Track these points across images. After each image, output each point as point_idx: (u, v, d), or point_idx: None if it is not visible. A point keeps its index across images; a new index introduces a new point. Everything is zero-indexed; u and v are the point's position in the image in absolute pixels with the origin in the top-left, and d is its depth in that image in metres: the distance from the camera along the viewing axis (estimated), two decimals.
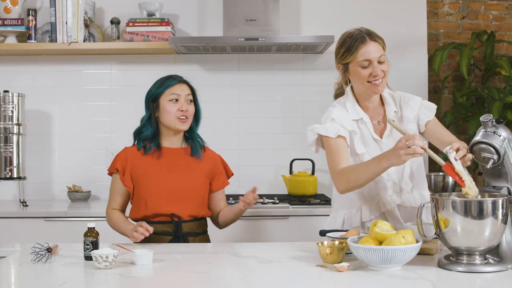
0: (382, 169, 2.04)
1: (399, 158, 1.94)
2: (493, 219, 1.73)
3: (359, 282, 1.71)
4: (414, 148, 1.90)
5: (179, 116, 2.39)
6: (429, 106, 2.33)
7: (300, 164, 3.67)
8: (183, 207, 2.37)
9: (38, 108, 3.76)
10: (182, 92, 2.42)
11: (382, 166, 2.02)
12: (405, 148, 1.92)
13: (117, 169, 2.42)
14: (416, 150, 1.90)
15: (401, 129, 2.05)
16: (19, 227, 3.17)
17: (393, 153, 1.97)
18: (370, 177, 2.07)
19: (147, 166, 2.41)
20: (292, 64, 3.81)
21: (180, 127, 2.40)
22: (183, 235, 2.36)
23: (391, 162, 1.99)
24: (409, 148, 1.91)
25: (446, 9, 4.04)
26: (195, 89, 2.49)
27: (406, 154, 1.92)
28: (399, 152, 1.93)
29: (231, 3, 3.50)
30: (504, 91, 3.68)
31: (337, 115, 2.25)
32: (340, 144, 2.20)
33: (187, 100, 2.42)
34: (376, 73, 2.17)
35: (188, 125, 2.42)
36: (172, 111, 2.38)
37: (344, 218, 2.31)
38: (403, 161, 1.95)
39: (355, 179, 2.10)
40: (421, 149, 1.91)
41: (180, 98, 2.40)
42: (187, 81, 2.49)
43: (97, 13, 3.80)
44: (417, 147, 1.90)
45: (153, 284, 1.75)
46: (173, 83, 2.42)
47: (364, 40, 2.17)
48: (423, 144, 1.92)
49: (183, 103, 2.40)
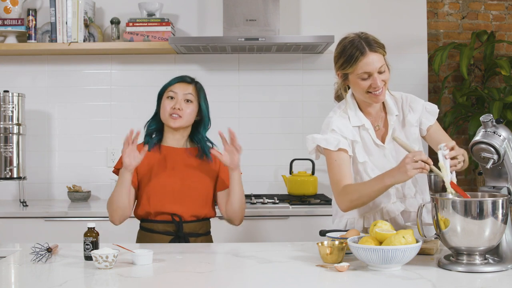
0: (386, 187, 2.04)
1: (405, 173, 1.94)
2: (493, 219, 1.73)
3: (359, 282, 1.71)
4: (421, 163, 1.92)
5: (172, 113, 2.39)
6: (431, 109, 2.30)
7: (300, 164, 3.67)
8: (185, 207, 2.37)
9: (38, 108, 3.76)
10: (181, 90, 2.42)
11: (385, 184, 2.02)
12: (412, 163, 1.93)
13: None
14: (422, 165, 1.92)
15: (407, 146, 2.05)
16: (19, 227, 3.17)
17: (399, 169, 1.97)
18: (373, 195, 2.08)
19: (152, 164, 2.41)
20: (292, 64, 3.81)
21: (171, 124, 2.40)
22: (184, 235, 2.36)
23: (396, 179, 1.99)
24: (417, 163, 1.92)
25: (446, 9, 4.04)
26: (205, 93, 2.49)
27: (414, 169, 1.93)
28: (406, 167, 1.94)
29: (231, 3, 3.50)
30: (504, 91, 3.68)
31: (338, 124, 2.21)
32: (341, 158, 2.18)
33: (184, 99, 2.42)
34: (376, 85, 2.13)
35: (180, 123, 2.40)
36: (166, 108, 2.41)
37: (347, 223, 2.30)
38: (409, 177, 1.95)
39: (357, 198, 2.10)
40: (427, 165, 1.93)
41: (176, 96, 2.41)
42: (196, 82, 2.49)
43: (97, 13, 3.80)
44: (423, 163, 1.92)
45: (153, 284, 1.75)
46: (173, 82, 2.46)
47: (363, 52, 2.11)
48: (429, 160, 1.94)
49: (178, 101, 2.40)
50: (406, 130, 2.27)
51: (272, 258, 1.99)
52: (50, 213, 3.20)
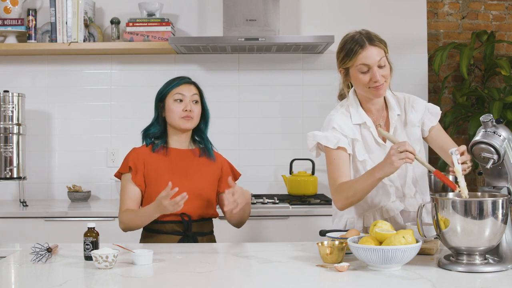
0: (377, 180, 2.05)
1: (391, 165, 1.96)
2: (493, 219, 1.73)
3: (359, 282, 1.71)
4: (406, 154, 1.94)
5: (183, 116, 2.39)
6: (433, 110, 2.31)
7: (300, 164, 3.67)
8: (192, 207, 2.37)
9: (38, 108, 3.76)
10: (188, 92, 2.42)
11: (375, 177, 2.03)
12: (397, 154, 1.94)
13: (130, 168, 2.39)
14: (407, 155, 1.94)
15: (391, 137, 2.07)
16: (19, 227, 3.17)
17: (386, 161, 1.99)
18: (367, 189, 2.09)
19: (158, 166, 2.41)
20: (292, 64, 3.81)
21: (185, 125, 2.41)
22: (193, 234, 2.37)
23: (385, 171, 2.00)
24: (401, 153, 1.94)
25: (446, 9, 4.04)
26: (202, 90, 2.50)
27: (399, 160, 1.94)
28: (392, 158, 1.95)
29: (231, 3, 3.50)
30: (504, 91, 3.68)
31: (339, 122, 2.22)
32: (340, 157, 2.19)
33: (192, 100, 2.43)
34: (376, 79, 2.13)
35: (192, 125, 2.43)
36: (176, 111, 2.40)
37: (347, 223, 2.31)
38: (395, 168, 1.97)
39: (353, 194, 2.11)
40: (412, 155, 1.94)
41: (185, 98, 2.41)
42: (195, 82, 2.50)
43: (97, 13, 3.80)
44: (408, 152, 1.93)
45: (153, 284, 1.75)
46: (178, 84, 2.44)
47: (363, 45, 2.14)
48: (414, 150, 1.96)
49: (187, 103, 2.41)
50: (408, 130, 2.27)
51: (272, 258, 1.99)
52: (50, 213, 3.20)
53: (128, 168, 2.40)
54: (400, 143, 1.96)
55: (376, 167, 2.04)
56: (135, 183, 2.39)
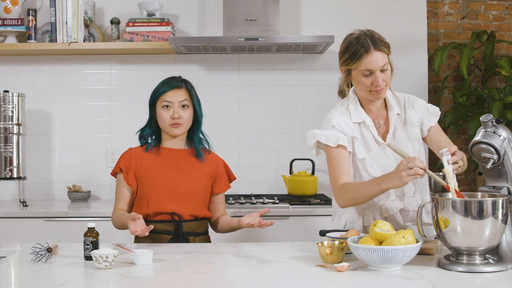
0: (382, 191, 2.06)
1: (401, 179, 1.96)
2: (493, 219, 1.73)
3: (359, 282, 1.71)
4: (415, 169, 1.94)
5: (172, 123, 2.39)
6: (433, 111, 2.31)
7: (300, 164, 3.67)
8: (184, 206, 2.38)
9: (38, 108, 3.76)
10: (175, 98, 2.40)
11: (382, 187, 2.04)
12: (407, 170, 1.95)
13: (121, 169, 2.42)
14: (417, 171, 1.94)
15: (401, 151, 2.06)
16: (19, 227, 3.17)
17: (395, 175, 1.99)
18: (370, 196, 2.10)
19: (150, 165, 2.42)
20: (292, 64, 3.81)
21: (173, 132, 2.41)
22: (184, 234, 2.37)
23: (393, 184, 2.01)
24: (411, 170, 1.94)
25: (446, 9, 4.04)
26: (195, 90, 2.48)
27: (408, 176, 1.95)
28: (401, 173, 1.96)
29: (231, 3, 3.50)
30: (504, 91, 3.68)
31: (338, 121, 2.23)
32: (341, 155, 2.20)
33: (180, 106, 2.40)
34: (378, 83, 2.15)
35: (182, 130, 2.42)
36: (165, 117, 2.40)
37: (347, 222, 2.31)
38: (404, 183, 1.97)
39: (354, 198, 2.13)
40: (422, 171, 1.94)
41: (172, 105, 2.40)
42: (186, 84, 2.46)
43: (97, 13, 3.80)
44: (418, 168, 1.94)
45: (153, 284, 1.75)
46: (166, 90, 2.41)
47: (368, 49, 2.13)
48: (424, 166, 1.96)
49: (175, 110, 2.39)
50: (407, 129, 2.28)
51: (272, 258, 1.99)
52: (50, 213, 3.20)
53: (119, 169, 2.43)
54: (410, 159, 1.97)
55: (384, 177, 2.04)
56: (127, 182, 2.42)
